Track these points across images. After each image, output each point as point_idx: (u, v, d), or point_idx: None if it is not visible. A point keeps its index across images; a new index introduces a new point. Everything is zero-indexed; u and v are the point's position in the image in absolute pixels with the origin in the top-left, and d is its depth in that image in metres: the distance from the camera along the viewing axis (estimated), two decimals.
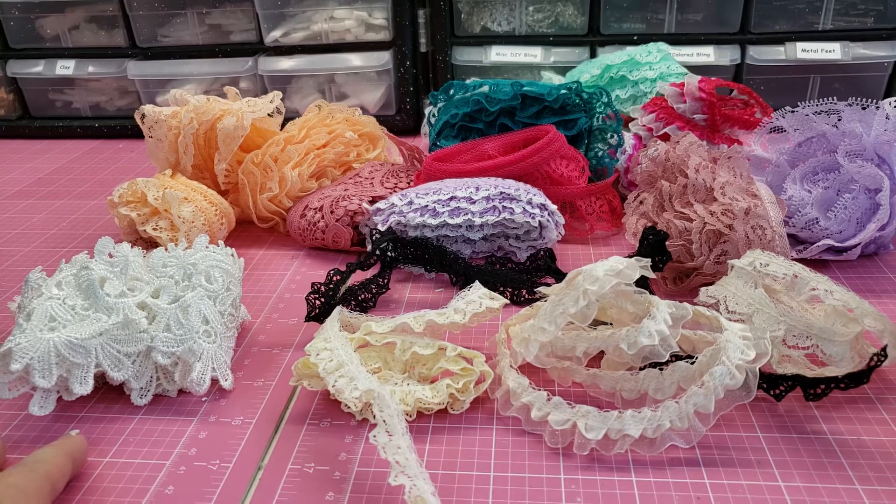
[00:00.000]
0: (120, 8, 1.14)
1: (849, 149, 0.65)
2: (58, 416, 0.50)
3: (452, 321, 0.50)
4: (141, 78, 1.16)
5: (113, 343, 0.47)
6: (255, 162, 0.75)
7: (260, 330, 0.60)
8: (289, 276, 0.69)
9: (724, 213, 0.59)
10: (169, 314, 0.49)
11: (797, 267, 0.51)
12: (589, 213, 0.74)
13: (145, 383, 0.50)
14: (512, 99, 0.80)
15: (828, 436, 0.45)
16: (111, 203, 0.71)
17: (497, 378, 0.49)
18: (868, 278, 0.65)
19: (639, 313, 0.50)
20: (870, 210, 0.64)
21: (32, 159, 1.11)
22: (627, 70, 0.93)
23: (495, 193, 0.67)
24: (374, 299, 0.62)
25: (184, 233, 0.68)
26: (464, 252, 0.70)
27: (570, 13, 1.08)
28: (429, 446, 0.45)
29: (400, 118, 1.15)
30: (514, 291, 0.62)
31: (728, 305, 0.51)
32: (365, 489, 0.42)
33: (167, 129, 0.76)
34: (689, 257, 0.61)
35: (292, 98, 1.15)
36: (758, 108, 0.81)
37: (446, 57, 1.12)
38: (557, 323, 0.46)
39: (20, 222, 0.86)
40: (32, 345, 0.45)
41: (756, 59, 1.04)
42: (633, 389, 0.47)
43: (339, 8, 1.09)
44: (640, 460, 0.43)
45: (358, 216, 0.71)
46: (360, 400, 0.44)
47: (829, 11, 1.02)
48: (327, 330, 0.50)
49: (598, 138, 0.81)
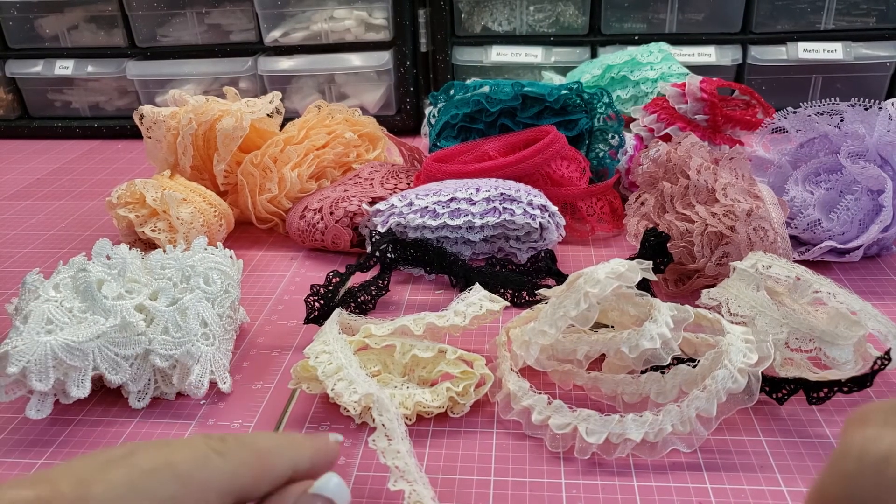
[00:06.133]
0: (119, 8, 1.13)
1: (851, 150, 0.64)
2: (55, 419, 0.49)
3: (452, 323, 0.49)
4: (140, 78, 1.16)
5: (110, 346, 0.47)
6: (255, 163, 0.75)
7: (259, 332, 0.60)
8: (288, 278, 0.69)
9: (725, 214, 0.59)
10: (167, 317, 0.49)
11: (799, 269, 0.51)
12: (590, 214, 0.74)
13: (143, 386, 0.49)
14: (512, 99, 0.79)
15: (831, 440, 0.45)
16: (110, 204, 0.70)
17: (497, 381, 0.49)
18: (871, 280, 0.64)
19: (640, 316, 0.49)
20: (872, 211, 0.64)
21: (31, 160, 1.11)
22: (628, 70, 0.92)
23: (495, 194, 0.67)
24: (374, 301, 0.62)
25: (182, 234, 0.68)
26: (464, 253, 0.70)
27: (570, 13, 1.08)
28: (428, 450, 0.45)
29: (400, 118, 1.14)
30: (514, 293, 0.62)
31: (730, 308, 0.51)
32: (364, 494, 0.42)
33: (166, 130, 0.76)
34: (691, 259, 0.60)
35: (292, 98, 1.14)
36: (759, 108, 0.81)
37: (446, 57, 1.11)
38: (558, 325, 0.46)
39: (18, 223, 0.86)
40: (29, 348, 0.44)
41: (758, 60, 1.04)
42: (635, 393, 0.47)
43: (339, 8, 1.08)
44: (642, 464, 0.43)
45: (357, 217, 0.70)
46: (359, 403, 0.44)
47: (831, 11, 1.02)
48: (326, 332, 0.50)
49: (598, 139, 0.81)
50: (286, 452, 0.27)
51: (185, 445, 0.25)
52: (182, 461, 0.24)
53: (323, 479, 0.27)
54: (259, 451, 0.26)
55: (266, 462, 0.26)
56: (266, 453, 0.26)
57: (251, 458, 0.26)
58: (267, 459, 0.26)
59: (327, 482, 0.27)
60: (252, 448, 0.26)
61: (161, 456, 0.24)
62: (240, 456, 0.25)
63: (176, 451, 0.24)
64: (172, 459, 0.24)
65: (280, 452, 0.27)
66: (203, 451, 0.25)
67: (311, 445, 0.29)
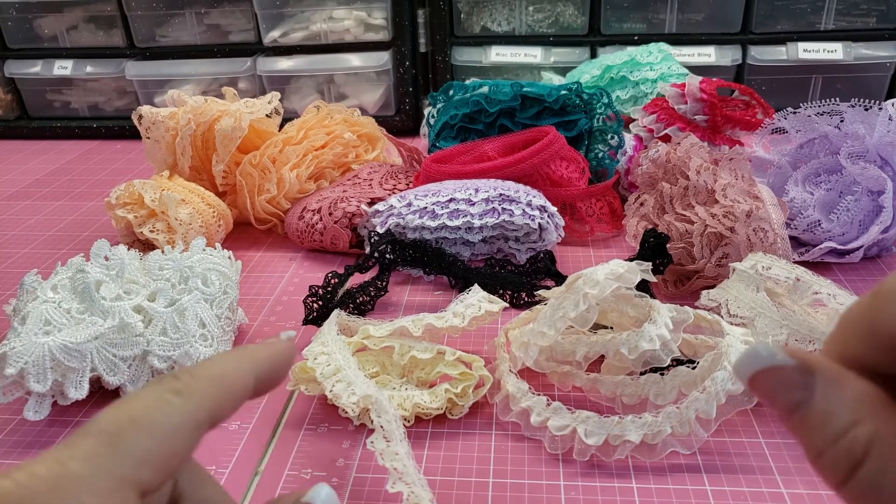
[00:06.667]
0: (118, 8, 1.13)
1: (851, 150, 0.64)
2: (53, 420, 0.49)
3: (451, 325, 0.49)
4: (139, 78, 1.16)
5: (109, 347, 0.47)
6: (254, 163, 0.75)
7: (257, 333, 0.59)
8: (287, 279, 0.69)
9: (725, 215, 0.59)
10: (165, 318, 0.49)
11: (799, 270, 0.51)
12: (589, 214, 0.74)
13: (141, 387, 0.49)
14: (512, 100, 0.79)
15: None
16: (108, 205, 0.70)
17: (496, 382, 0.49)
18: (871, 281, 0.64)
19: (639, 317, 0.49)
20: (872, 212, 0.63)
21: (30, 160, 1.11)
22: (628, 70, 0.92)
23: (494, 195, 0.67)
24: (373, 302, 0.62)
25: (181, 235, 0.68)
26: (463, 254, 0.70)
27: (570, 13, 1.08)
28: (427, 452, 0.45)
29: (399, 119, 1.14)
30: (513, 294, 0.62)
31: (730, 309, 0.51)
32: (363, 496, 0.42)
33: (165, 131, 0.76)
34: (691, 260, 0.60)
35: (291, 98, 1.14)
36: (759, 108, 0.81)
37: (446, 57, 1.11)
38: (557, 327, 0.46)
39: (17, 224, 0.86)
40: (27, 349, 0.44)
41: (757, 60, 1.04)
42: (634, 394, 0.47)
43: (338, 8, 1.08)
44: (641, 466, 0.43)
45: (356, 218, 0.70)
46: (357, 405, 0.44)
47: (831, 11, 1.02)
48: (325, 333, 0.49)
49: (598, 139, 0.81)
50: (243, 366, 0.27)
51: (141, 397, 0.24)
52: (143, 414, 0.23)
53: (314, 490, 0.27)
54: (214, 376, 0.26)
55: (226, 384, 0.26)
56: (222, 376, 0.26)
57: (210, 387, 0.25)
58: (226, 382, 0.26)
59: (318, 492, 0.27)
60: (207, 376, 0.26)
61: (122, 414, 0.23)
62: (198, 388, 0.25)
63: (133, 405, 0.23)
64: (133, 415, 0.23)
65: (237, 369, 0.27)
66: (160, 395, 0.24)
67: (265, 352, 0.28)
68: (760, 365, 0.18)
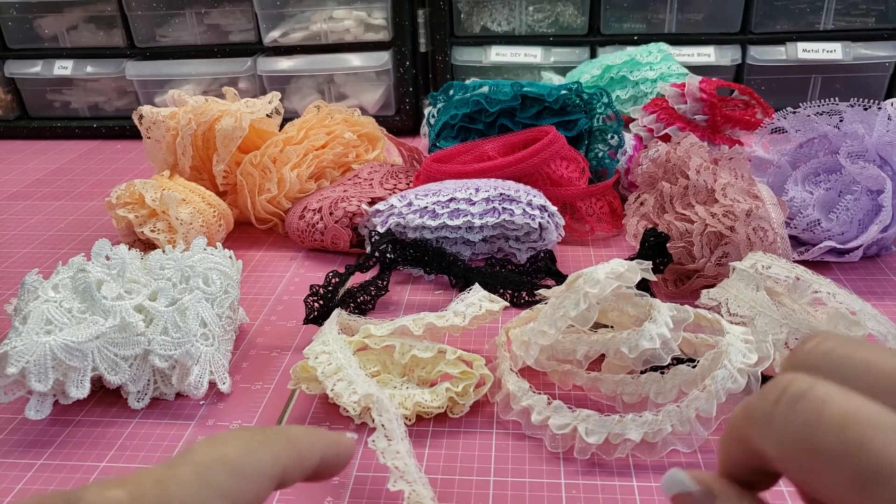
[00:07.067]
0: (118, 8, 1.13)
1: (851, 150, 0.64)
2: (54, 419, 0.49)
3: (452, 324, 0.49)
4: (139, 78, 1.16)
5: (110, 346, 0.47)
6: (254, 163, 0.75)
7: (258, 332, 0.60)
8: (287, 278, 0.69)
9: (725, 214, 0.59)
10: (166, 317, 0.49)
11: (799, 269, 0.51)
12: (589, 214, 0.74)
13: (142, 387, 0.49)
14: (512, 99, 0.79)
15: None
16: (109, 204, 0.70)
17: (497, 381, 0.49)
18: (870, 280, 0.64)
19: (640, 316, 0.49)
20: (872, 211, 0.64)
21: (30, 160, 1.11)
22: (628, 70, 0.92)
23: (495, 195, 0.67)
24: (373, 301, 0.62)
25: (182, 234, 0.68)
26: (463, 253, 0.70)
27: (570, 13, 1.08)
28: (428, 451, 0.45)
29: (399, 119, 1.14)
30: (513, 293, 0.62)
31: (730, 308, 0.51)
32: (364, 494, 0.42)
33: (165, 130, 0.76)
34: (691, 259, 0.60)
35: (291, 98, 1.14)
36: (759, 108, 0.81)
37: (446, 57, 1.11)
38: (558, 326, 0.46)
39: (17, 223, 0.86)
40: (28, 348, 0.44)
41: (757, 60, 1.04)
42: (634, 393, 0.47)
43: (339, 8, 1.08)
44: (642, 465, 0.43)
45: (357, 217, 0.70)
46: (358, 404, 0.44)
47: (830, 11, 1.02)
48: (326, 333, 0.49)
49: (598, 139, 0.81)
50: (314, 441, 0.29)
51: (233, 438, 0.26)
52: (233, 452, 0.25)
53: None
54: (292, 439, 0.28)
55: (300, 449, 0.28)
56: (298, 441, 0.28)
57: (288, 446, 0.28)
58: (300, 447, 0.28)
59: None
60: (287, 436, 0.28)
61: (216, 450, 0.25)
62: (279, 443, 0.27)
63: (226, 444, 0.26)
64: (225, 451, 0.25)
65: (309, 441, 0.29)
66: (248, 441, 0.26)
67: (333, 438, 0.31)
68: (678, 489, 0.22)
